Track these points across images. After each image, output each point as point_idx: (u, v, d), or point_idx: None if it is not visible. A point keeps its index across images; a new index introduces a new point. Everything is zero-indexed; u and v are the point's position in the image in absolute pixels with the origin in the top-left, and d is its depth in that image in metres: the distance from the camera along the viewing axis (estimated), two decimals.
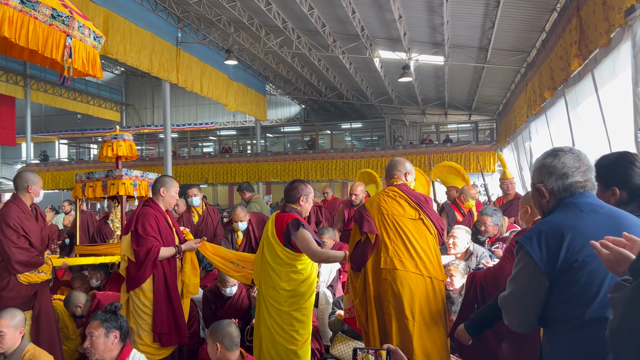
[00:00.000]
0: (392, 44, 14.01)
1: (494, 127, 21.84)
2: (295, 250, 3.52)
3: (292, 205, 3.70)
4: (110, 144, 5.25)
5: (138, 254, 3.79)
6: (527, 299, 1.78)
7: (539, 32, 10.63)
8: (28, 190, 4.28)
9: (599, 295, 1.63)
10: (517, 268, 1.81)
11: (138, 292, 3.85)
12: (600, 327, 1.58)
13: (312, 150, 22.23)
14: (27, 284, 4.09)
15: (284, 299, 3.51)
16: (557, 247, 1.69)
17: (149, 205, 4.02)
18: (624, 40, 5.73)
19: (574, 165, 1.84)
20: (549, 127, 11.41)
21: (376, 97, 20.90)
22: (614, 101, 6.63)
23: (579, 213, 1.76)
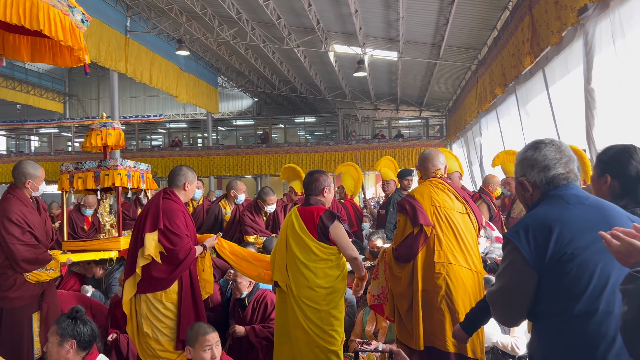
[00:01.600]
0: (347, 39, 14.03)
1: (443, 122, 22.32)
2: (330, 243, 3.31)
3: (316, 197, 3.49)
4: (99, 132, 4.86)
5: (176, 254, 3.46)
6: (515, 293, 1.75)
7: (490, 29, 10.90)
8: (25, 185, 3.95)
9: (589, 288, 1.62)
10: (505, 263, 1.79)
11: (159, 295, 3.51)
12: (590, 319, 1.60)
13: (266, 144, 22.04)
14: (35, 282, 3.75)
15: (322, 298, 3.28)
16: (545, 240, 1.67)
17: (171, 199, 3.65)
18: (576, 39, 5.94)
19: (555, 157, 1.84)
20: (499, 123, 11.73)
21: (330, 91, 20.92)
22: (565, 98, 6.87)
23: (565, 205, 1.75)
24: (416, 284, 3.13)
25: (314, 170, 3.61)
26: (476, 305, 2.55)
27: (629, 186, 2.12)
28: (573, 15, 5.60)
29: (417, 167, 3.56)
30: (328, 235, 3.29)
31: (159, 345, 3.50)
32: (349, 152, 20.04)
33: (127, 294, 3.57)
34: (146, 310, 3.51)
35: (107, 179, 4.57)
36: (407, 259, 3.17)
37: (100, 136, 4.85)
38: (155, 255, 3.44)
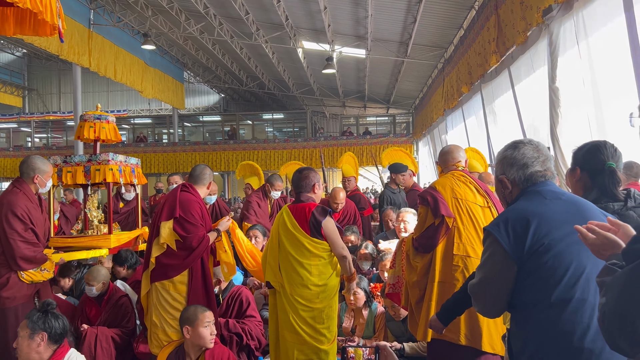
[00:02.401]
0: (316, 35, 14.03)
1: (410, 120, 22.59)
2: (323, 239, 3.32)
3: (307, 194, 3.49)
4: (92, 124, 4.69)
5: (189, 241, 3.47)
6: (496, 284, 1.82)
7: (457, 28, 11.07)
8: (34, 180, 3.79)
9: (565, 277, 1.70)
10: (486, 255, 1.85)
11: (167, 285, 3.52)
12: (566, 307, 1.68)
13: (233, 140, 21.87)
14: (29, 282, 3.60)
15: (316, 296, 3.28)
16: (523, 232, 1.74)
17: (189, 192, 3.67)
18: (541, 39, 6.10)
19: (533, 155, 1.92)
20: (465, 121, 11.96)
21: (298, 88, 20.89)
22: (530, 97, 7.05)
23: (543, 200, 1.83)
24: (433, 275, 3.11)
25: (303, 168, 3.63)
26: (453, 296, 2.62)
27: (597, 179, 2.25)
28: (538, 15, 5.74)
29: (437, 162, 3.56)
30: (320, 231, 3.30)
31: (166, 336, 3.50)
32: (317, 149, 20.09)
33: (144, 287, 3.61)
34: (155, 301, 3.54)
35: (98, 174, 4.46)
36: (427, 250, 3.16)
37: (93, 129, 4.69)
38: (171, 242, 3.47)
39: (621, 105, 4.68)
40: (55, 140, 27.06)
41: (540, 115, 6.59)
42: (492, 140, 9.27)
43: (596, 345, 1.63)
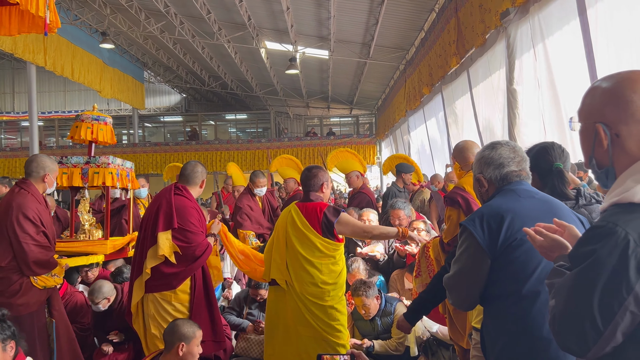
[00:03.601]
0: (279, 36, 13.97)
1: (373, 121, 22.75)
2: (335, 239, 3.31)
3: (315, 192, 3.44)
4: (90, 125, 4.51)
5: (192, 250, 3.34)
6: (471, 277, 1.89)
7: (418, 30, 11.21)
8: (44, 179, 3.60)
9: (536, 271, 1.77)
10: (462, 249, 1.92)
11: (168, 295, 3.39)
12: (536, 300, 1.75)
13: (195, 141, 21.54)
14: (42, 288, 3.43)
15: (326, 294, 3.26)
16: (497, 228, 1.82)
17: (184, 196, 3.52)
18: (499, 41, 6.22)
19: (509, 156, 2.01)
20: (426, 122, 12.12)
21: (261, 88, 20.76)
22: (486, 98, 7.18)
23: (517, 198, 1.92)
24: None
25: (312, 166, 3.57)
26: (419, 295, 2.69)
27: (547, 179, 2.35)
28: (496, 18, 5.85)
29: (454, 158, 3.51)
30: (333, 231, 3.28)
31: None
32: (282, 150, 20.01)
33: (136, 295, 3.44)
34: (154, 311, 3.39)
35: (97, 177, 4.30)
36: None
37: (90, 130, 4.52)
38: (170, 255, 3.33)
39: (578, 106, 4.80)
40: (10, 141, 26.08)
41: (495, 116, 6.72)
42: (452, 141, 9.42)
43: None
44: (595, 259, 1.17)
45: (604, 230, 1.18)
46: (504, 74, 5.98)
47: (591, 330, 1.17)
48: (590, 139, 1.32)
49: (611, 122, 1.26)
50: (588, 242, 1.22)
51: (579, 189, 2.57)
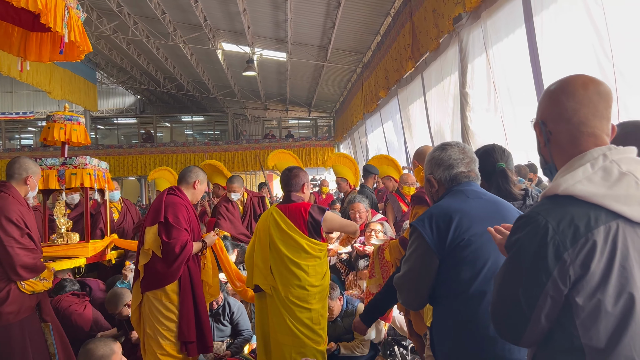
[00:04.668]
0: (236, 37, 13.86)
1: (331, 123, 22.87)
2: (321, 239, 3.29)
3: (297, 193, 3.42)
4: (62, 125, 4.36)
5: (172, 247, 3.28)
6: (420, 277, 1.90)
7: (374, 34, 11.34)
8: (26, 181, 3.44)
9: (482, 271, 1.80)
10: (411, 249, 1.93)
11: (159, 294, 3.37)
12: (483, 299, 1.78)
13: (150, 143, 21.09)
14: (31, 293, 3.26)
15: (313, 296, 3.23)
16: (446, 228, 1.84)
17: (177, 195, 3.54)
18: (452, 46, 6.36)
19: (458, 157, 2.04)
20: (383, 125, 12.28)
21: (218, 90, 20.54)
22: (440, 102, 7.33)
23: (465, 199, 1.95)
24: None
25: (294, 167, 3.55)
26: (375, 297, 2.73)
27: (491, 180, 2.40)
28: (449, 23, 5.99)
29: (416, 161, 3.52)
30: (320, 231, 3.26)
31: (160, 349, 3.36)
32: (240, 152, 19.85)
33: (135, 299, 3.45)
34: (148, 311, 3.40)
35: (74, 178, 4.18)
36: None
37: (63, 130, 4.39)
38: (155, 249, 3.31)
39: (527, 109, 4.97)
40: None
41: (445, 121, 6.88)
42: (407, 144, 9.57)
43: None
44: (519, 246, 1.26)
45: (527, 219, 1.27)
46: (456, 78, 6.12)
47: (519, 316, 1.24)
48: (536, 136, 1.43)
49: (546, 120, 1.38)
50: (515, 232, 1.30)
51: (527, 189, 2.65)
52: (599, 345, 1.17)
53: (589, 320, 1.18)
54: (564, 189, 1.24)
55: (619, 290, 1.17)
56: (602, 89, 1.33)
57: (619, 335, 1.16)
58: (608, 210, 1.19)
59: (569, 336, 1.21)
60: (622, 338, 1.16)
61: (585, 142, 1.30)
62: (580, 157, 1.29)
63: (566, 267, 1.18)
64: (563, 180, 1.26)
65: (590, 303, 1.18)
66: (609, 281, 1.17)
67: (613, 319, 1.17)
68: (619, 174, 1.22)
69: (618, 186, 1.21)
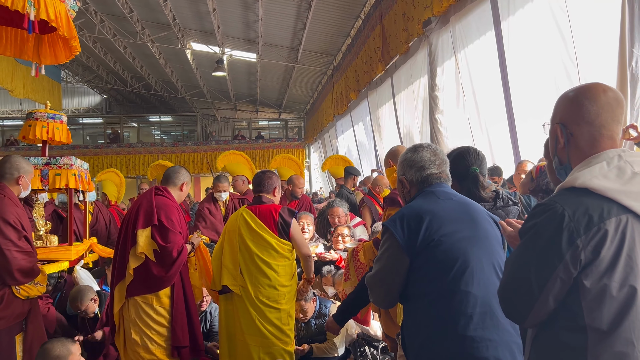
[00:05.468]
0: (205, 37, 13.72)
1: (302, 125, 22.88)
2: (290, 240, 3.34)
3: (267, 195, 3.46)
4: (45, 123, 4.22)
5: (169, 251, 3.19)
6: (391, 276, 1.92)
7: (345, 36, 11.40)
8: (18, 181, 3.27)
9: (452, 270, 1.81)
10: (383, 248, 1.95)
11: (150, 299, 3.26)
12: (452, 298, 1.80)
13: (117, 144, 20.70)
14: (25, 298, 3.11)
15: (283, 296, 3.27)
16: (417, 228, 1.86)
17: (165, 196, 3.43)
18: (421, 49, 6.45)
19: (430, 159, 2.07)
20: (353, 127, 12.34)
21: (187, 90, 20.28)
22: (409, 105, 7.42)
23: (436, 200, 1.97)
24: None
25: (266, 170, 3.61)
26: (348, 297, 2.74)
27: (464, 183, 2.43)
28: (419, 27, 6.07)
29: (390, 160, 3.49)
30: (289, 232, 3.32)
31: (149, 354, 3.25)
32: (209, 153, 19.65)
33: (118, 301, 3.28)
34: (135, 316, 3.26)
35: (58, 179, 4.03)
36: None
37: (46, 129, 4.25)
38: (149, 252, 3.21)
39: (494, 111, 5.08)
40: None
41: (414, 124, 6.97)
42: (377, 146, 9.65)
43: (477, 333, 1.75)
44: (536, 231, 1.35)
45: (545, 206, 1.35)
46: (426, 81, 6.20)
47: (528, 296, 1.33)
48: (553, 138, 1.51)
49: (567, 122, 1.45)
50: (532, 217, 1.39)
51: (497, 191, 2.69)
52: (601, 327, 1.27)
53: (594, 302, 1.28)
54: (582, 182, 1.34)
55: (624, 277, 1.27)
56: (619, 96, 1.44)
57: (621, 319, 1.26)
58: (620, 205, 1.29)
59: (573, 317, 1.31)
60: (623, 321, 1.26)
61: (604, 143, 1.41)
62: (597, 156, 1.39)
63: (578, 252, 1.28)
64: (581, 175, 1.36)
65: (597, 286, 1.27)
66: (616, 268, 1.27)
67: (617, 303, 1.27)
68: (631, 174, 1.32)
69: (631, 184, 1.31)
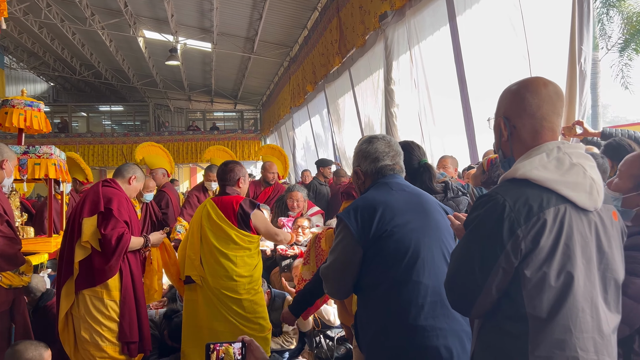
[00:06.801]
0: (159, 25, 13.37)
1: (258, 116, 22.69)
2: (251, 231, 3.34)
3: (232, 187, 3.47)
4: (22, 111, 4.03)
5: (108, 239, 3.06)
6: (344, 267, 1.93)
7: (301, 28, 11.34)
8: (2, 166, 3.08)
9: (404, 261, 1.83)
10: (337, 239, 1.95)
11: (99, 292, 3.16)
12: (404, 288, 1.82)
13: (64, 133, 19.96)
14: (7, 287, 2.95)
15: (242, 287, 3.28)
16: (370, 219, 1.87)
17: (113, 187, 3.34)
18: (378, 43, 6.49)
19: (384, 150, 2.08)
20: (310, 119, 12.33)
21: (139, 79, 19.73)
22: (369, 97, 7.47)
23: (389, 191, 1.99)
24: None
25: (229, 161, 3.60)
26: (304, 287, 2.75)
27: (414, 175, 2.47)
28: (375, 20, 6.11)
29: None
30: (249, 223, 3.32)
31: (100, 351, 3.13)
32: (162, 144, 19.23)
33: (66, 300, 3.14)
34: (84, 312, 3.13)
35: (37, 168, 3.91)
36: None
37: (23, 116, 4.09)
38: (93, 241, 3.10)
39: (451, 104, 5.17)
40: None
41: (375, 115, 7.03)
42: (336, 138, 9.69)
43: (428, 322, 1.78)
44: (478, 222, 1.38)
45: (487, 198, 1.39)
46: (382, 74, 6.25)
47: (473, 286, 1.35)
48: (497, 132, 1.54)
49: (510, 116, 1.49)
50: (475, 209, 1.41)
51: (447, 182, 2.75)
52: (541, 315, 1.31)
53: (534, 291, 1.31)
54: (522, 173, 1.37)
55: (561, 265, 1.31)
56: (559, 89, 1.48)
57: (559, 306, 1.30)
58: (558, 195, 1.33)
59: (515, 306, 1.34)
60: (561, 309, 1.30)
61: (545, 135, 1.44)
62: (537, 148, 1.43)
63: (518, 242, 1.30)
64: (521, 166, 1.39)
65: (537, 275, 1.31)
66: (554, 257, 1.31)
67: (555, 291, 1.31)
68: (570, 164, 1.37)
69: (569, 174, 1.35)
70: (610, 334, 1.37)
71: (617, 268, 1.42)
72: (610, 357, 1.36)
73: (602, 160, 2.96)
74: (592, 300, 1.33)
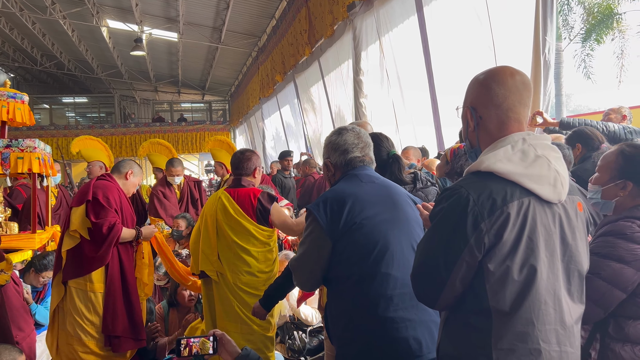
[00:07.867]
0: (123, 14, 13.05)
1: (226, 107, 22.45)
2: (269, 226, 3.17)
3: (247, 178, 3.24)
4: (4, 103, 3.91)
5: (99, 227, 2.98)
6: (314, 259, 1.92)
7: (269, 18, 11.23)
8: None
9: (373, 253, 1.83)
10: (307, 232, 1.94)
11: (83, 283, 3.09)
12: (373, 280, 1.82)
13: (26, 126, 19.32)
14: None
15: (262, 283, 3.10)
16: (339, 211, 1.86)
17: (106, 179, 3.34)
18: (346, 33, 6.48)
19: (354, 142, 2.07)
20: (280, 109, 12.27)
21: (104, 70, 19.26)
22: (339, 87, 7.48)
23: (359, 183, 1.98)
24: None
25: (245, 149, 3.37)
26: (275, 282, 2.72)
27: (384, 167, 2.48)
28: (343, 10, 6.09)
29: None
30: (268, 218, 3.15)
31: (83, 346, 3.04)
32: (128, 136, 18.87)
33: (55, 295, 3.07)
34: (70, 305, 3.06)
35: (21, 162, 3.78)
36: None
37: (6, 109, 3.96)
38: (82, 230, 3.04)
39: (417, 94, 5.22)
40: None
41: (345, 104, 7.04)
42: (307, 128, 9.67)
43: (397, 314, 1.79)
44: (442, 215, 1.37)
45: (452, 191, 1.37)
46: (351, 64, 6.25)
47: (437, 279, 1.34)
48: (464, 122, 1.52)
49: (476, 106, 1.46)
50: (440, 202, 1.40)
51: (416, 173, 2.77)
52: (504, 308, 1.30)
53: (497, 284, 1.31)
54: (486, 166, 1.36)
55: (524, 259, 1.31)
56: (526, 79, 1.46)
57: (522, 300, 1.30)
58: (522, 188, 1.32)
59: (479, 299, 1.33)
60: (524, 302, 1.30)
61: (511, 126, 1.42)
62: (503, 140, 1.41)
63: (482, 236, 1.29)
64: (486, 158, 1.38)
65: (500, 269, 1.30)
66: (517, 250, 1.30)
67: (518, 284, 1.30)
68: (534, 157, 1.36)
69: (533, 167, 1.34)
70: (573, 324, 1.38)
71: (581, 259, 1.42)
72: (572, 347, 1.37)
73: (567, 151, 3.03)
74: (555, 293, 1.34)
